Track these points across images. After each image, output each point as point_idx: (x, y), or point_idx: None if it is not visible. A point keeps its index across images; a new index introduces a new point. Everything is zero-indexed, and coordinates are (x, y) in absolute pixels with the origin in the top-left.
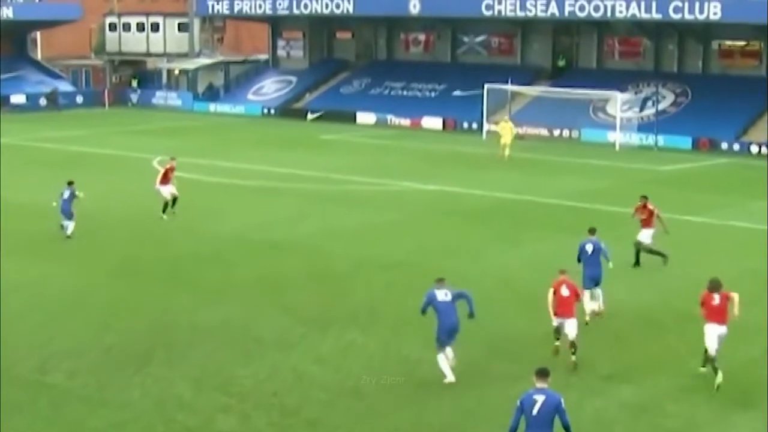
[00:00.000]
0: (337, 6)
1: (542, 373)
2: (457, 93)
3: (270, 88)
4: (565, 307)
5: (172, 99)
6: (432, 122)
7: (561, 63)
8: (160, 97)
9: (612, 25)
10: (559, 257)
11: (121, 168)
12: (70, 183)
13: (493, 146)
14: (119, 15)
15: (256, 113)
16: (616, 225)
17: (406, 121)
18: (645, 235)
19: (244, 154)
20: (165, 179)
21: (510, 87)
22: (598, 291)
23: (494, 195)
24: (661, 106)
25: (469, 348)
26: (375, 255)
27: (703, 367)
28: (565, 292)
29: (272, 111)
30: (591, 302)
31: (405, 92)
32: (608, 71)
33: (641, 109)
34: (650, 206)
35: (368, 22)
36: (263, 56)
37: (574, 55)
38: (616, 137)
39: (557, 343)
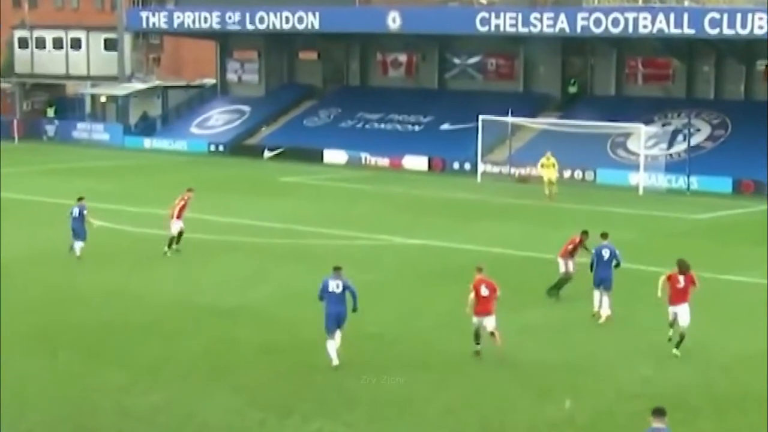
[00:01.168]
0: (300, 20)
1: (659, 412)
2: (445, 126)
3: (218, 120)
4: (484, 306)
5: (98, 132)
6: (416, 162)
7: (572, 89)
8: (82, 129)
9: (634, 44)
10: (571, 328)
11: (34, 216)
12: (80, 199)
13: (489, 192)
14: (31, 28)
15: (201, 150)
16: (642, 287)
17: (384, 161)
18: (570, 266)
19: None
20: (180, 213)
21: (510, 119)
22: (605, 298)
23: (491, 251)
24: (694, 141)
25: None
26: (347, 325)
27: (677, 348)
28: (484, 291)
29: (221, 148)
30: (603, 308)
31: (383, 125)
32: (630, 99)
33: (670, 145)
34: (585, 242)
35: (338, 40)
36: (210, 81)
37: (588, 80)
38: (640, 179)
39: (478, 347)
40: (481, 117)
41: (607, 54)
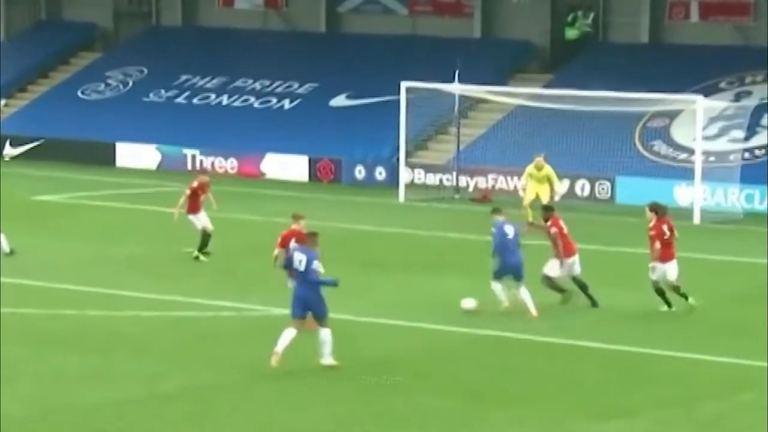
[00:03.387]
0: None
1: None
2: (340, 101)
3: None
4: None
5: None
6: (287, 166)
7: (571, 33)
8: None
9: None
10: None
11: None
12: None
13: (421, 222)
14: None
15: None
16: (702, 398)
17: (228, 164)
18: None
19: None
20: (195, 204)
21: (458, 88)
22: (525, 292)
23: (427, 328)
24: None
25: None
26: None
27: (668, 306)
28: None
29: None
30: (527, 300)
31: (225, 99)
32: (676, 50)
33: (751, 133)
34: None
35: None
36: None
37: (599, 17)
38: (695, 196)
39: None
40: (404, 84)
41: None
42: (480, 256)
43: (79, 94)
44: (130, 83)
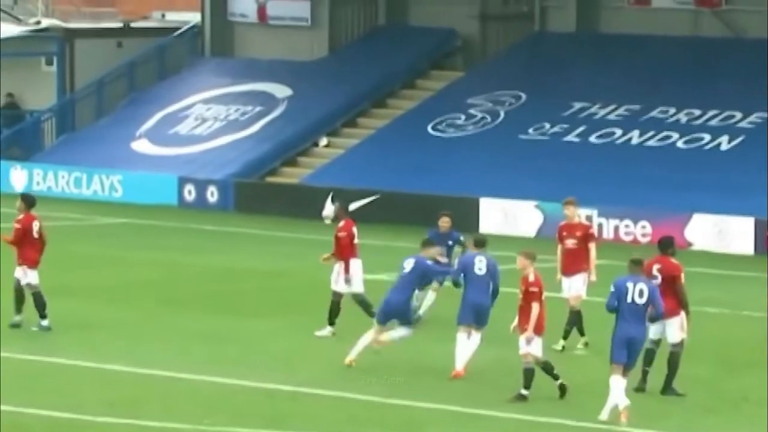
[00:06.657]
0: None
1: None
2: None
3: (207, 120)
4: (523, 320)
5: None
6: (725, 232)
7: None
8: None
9: None
10: None
11: None
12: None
13: None
14: None
15: (159, 198)
16: None
17: (637, 230)
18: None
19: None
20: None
21: None
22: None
23: None
24: None
25: None
26: None
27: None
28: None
29: (213, 192)
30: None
31: (638, 136)
32: None
33: None
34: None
35: None
36: (187, 18)
37: None
38: None
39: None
40: None
41: None
42: None
43: (430, 129)
44: (502, 114)
